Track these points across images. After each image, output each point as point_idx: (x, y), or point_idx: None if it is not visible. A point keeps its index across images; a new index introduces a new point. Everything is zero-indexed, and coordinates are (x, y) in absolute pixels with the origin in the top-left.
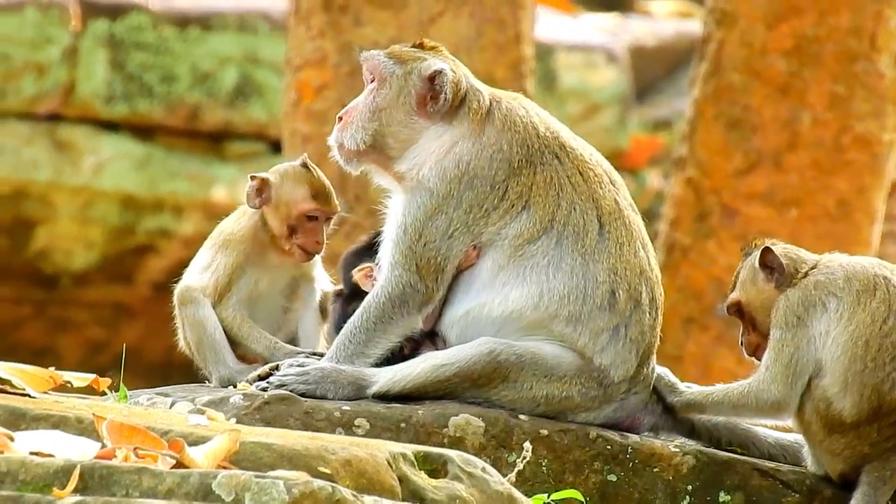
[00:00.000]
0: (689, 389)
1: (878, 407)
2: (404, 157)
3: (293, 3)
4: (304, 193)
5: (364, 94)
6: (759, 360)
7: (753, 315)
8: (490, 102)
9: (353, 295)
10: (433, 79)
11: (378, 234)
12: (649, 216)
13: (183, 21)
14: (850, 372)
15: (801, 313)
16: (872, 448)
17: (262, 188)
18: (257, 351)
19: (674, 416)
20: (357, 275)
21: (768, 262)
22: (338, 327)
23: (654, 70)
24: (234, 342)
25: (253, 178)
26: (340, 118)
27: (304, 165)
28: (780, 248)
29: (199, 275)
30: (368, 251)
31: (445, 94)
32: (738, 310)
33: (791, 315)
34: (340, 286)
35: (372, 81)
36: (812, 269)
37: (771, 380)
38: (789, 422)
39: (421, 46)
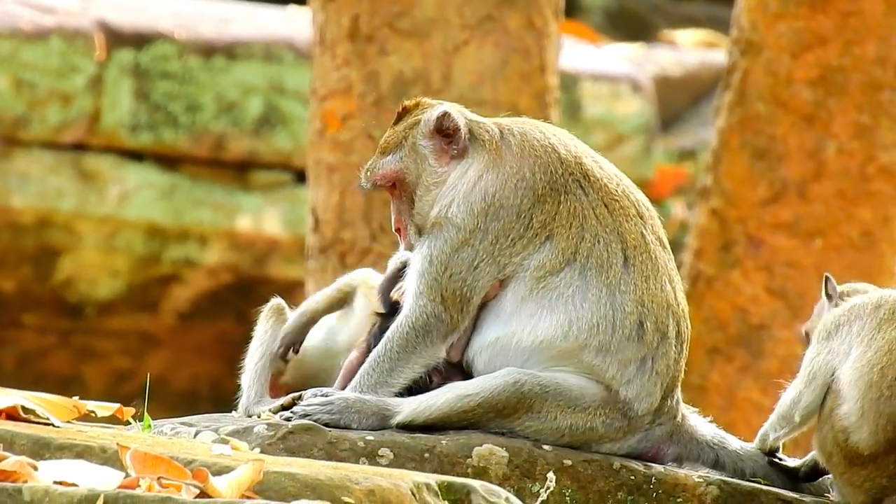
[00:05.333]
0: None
1: (894, 438)
2: (435, 203)
3: (318, 32)
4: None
5: (395, 200)
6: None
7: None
8: (499, 130)
9: (391, 314)
10: (440, 127)
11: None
12: (674, 246)
13: (208, 50)
14: (865, 399)
15: (832, 330)
16: (890, 481)
17: (288, 350)
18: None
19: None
20: (396, 294)
21: (828, 290)
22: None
23: (678, 100)
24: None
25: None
26: (398, 230)
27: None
28: (851, 284)
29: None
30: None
31: (458, 127)
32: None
33: (823, 331)
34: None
35: (392, 186)
36: (856, 295)
37: (795, 382)
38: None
39: (405, 112)
